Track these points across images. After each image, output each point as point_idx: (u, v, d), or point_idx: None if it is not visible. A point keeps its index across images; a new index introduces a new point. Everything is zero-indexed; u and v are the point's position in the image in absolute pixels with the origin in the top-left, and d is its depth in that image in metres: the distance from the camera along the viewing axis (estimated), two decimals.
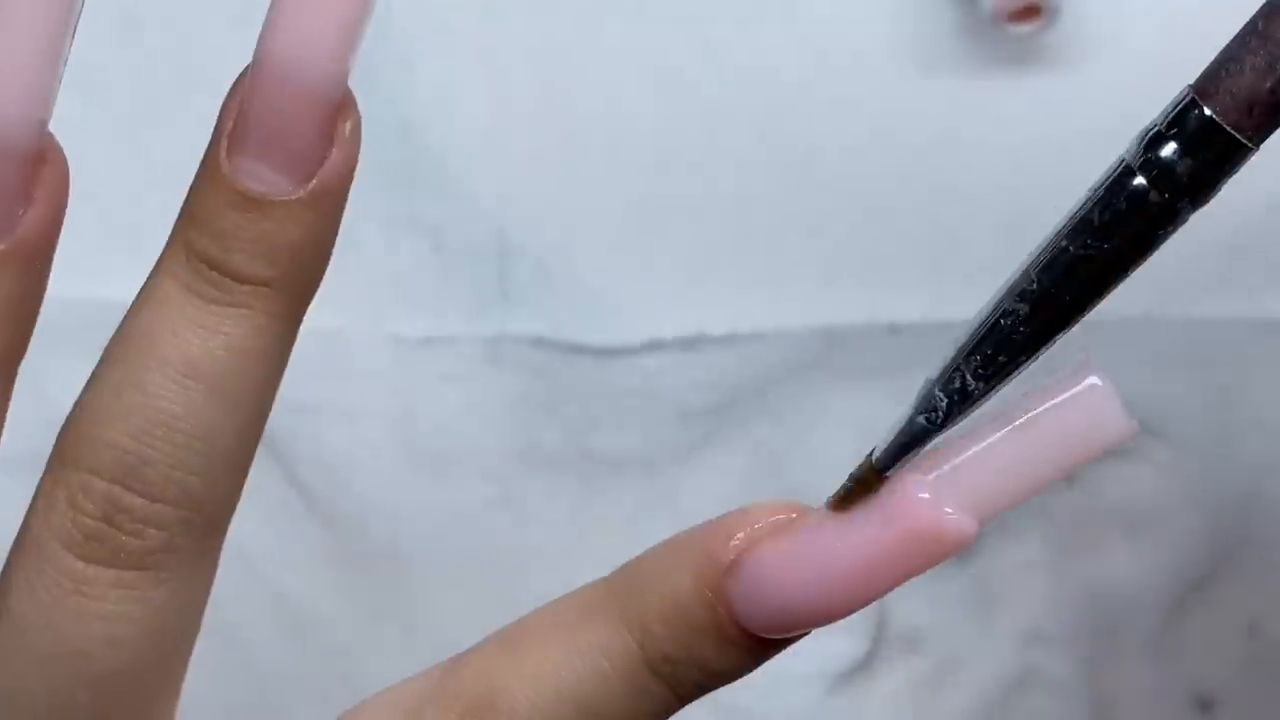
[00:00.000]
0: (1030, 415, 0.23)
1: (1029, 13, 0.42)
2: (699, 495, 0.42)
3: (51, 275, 0.30)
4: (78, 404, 0.24)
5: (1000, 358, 0.23)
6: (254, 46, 0.25)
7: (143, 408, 0.23)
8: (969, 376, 0.23)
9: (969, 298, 0.43)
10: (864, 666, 0.42)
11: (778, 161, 0.44)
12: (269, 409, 0.24)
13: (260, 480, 0.43)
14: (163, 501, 0.23)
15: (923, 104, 0.44)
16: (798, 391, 0.43)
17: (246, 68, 0.24)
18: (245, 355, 0.23)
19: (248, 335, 0.23)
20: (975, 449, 0.23)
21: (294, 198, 0.23)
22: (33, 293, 0.24)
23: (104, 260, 0.40)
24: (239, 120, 0.23)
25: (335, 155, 0.23)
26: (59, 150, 0.23)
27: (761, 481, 0.42)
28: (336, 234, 0.24)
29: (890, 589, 0.23)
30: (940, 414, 0.23)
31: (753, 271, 0.43)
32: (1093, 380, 0.23)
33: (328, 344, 0.43)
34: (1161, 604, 0.41)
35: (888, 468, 0.24)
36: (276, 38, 0.22)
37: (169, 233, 0.25)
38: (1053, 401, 0.23)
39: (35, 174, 0.23)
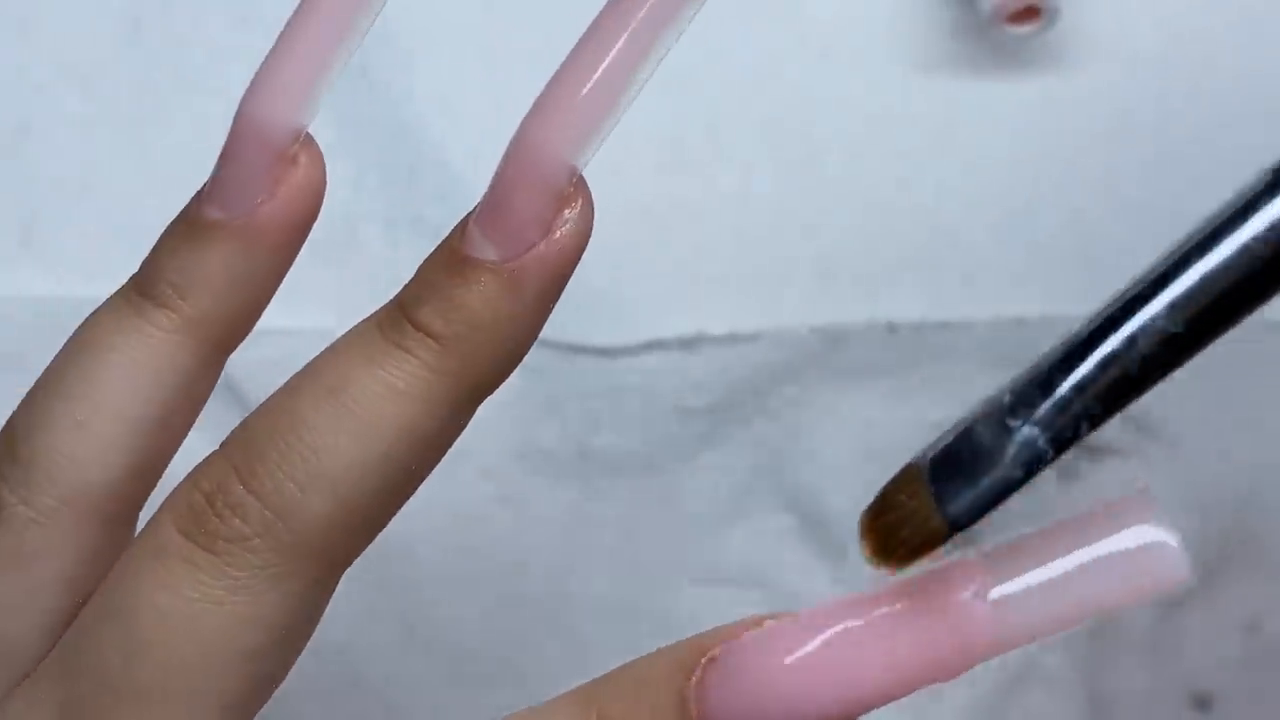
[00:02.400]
0: (1097, 558, 0.20)
1: (1028, 13, 0.42)
2: (699, 495, 0.43)
3: (50, 275, 0.31)
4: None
5: (1122, 394, 0.20)
6: (254, 46, 0.25)
7: (288, 412, 0.23)
8: (1084, 421, 0.20)
9: (968, 298, 0.44)
10: None
11: (778, 161, 0.44)
12: (406, 464, 0.24)
13: None
14: (257, 496, 0.23)
15: (922, 104, 0.44)
16: (797, 391, 0.43)
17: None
18: (392, 394, 0.23)
19: (401, 377, 0.23)
20: (1042, 578, 0.20)
21: (489, 264, 0.23)
22: (254, 277, 0.25)
23: (104, 260, 0.40)
24: (487, 190, 0.24)
25: (543, 246, 0.23)
26: (316, 161, 0.25)
27: (761, 481, 0.43)
28: (526, 336, 0.24)
29: (897, 696, 0.21)
30: (1043, 463, 0.20)
31: (753, 271, 0.43)
32: (1166, 539, 0.20)
33: (328, 344, 0.43)
34: (1159, 602, 0.41)
35: (966, 525, 0.20)
36: (536, 129, 0.23)
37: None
38: (1121, 546, 0.20)
39: (283, 172, 0.24)
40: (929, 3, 0.44)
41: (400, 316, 0.24)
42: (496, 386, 0.25)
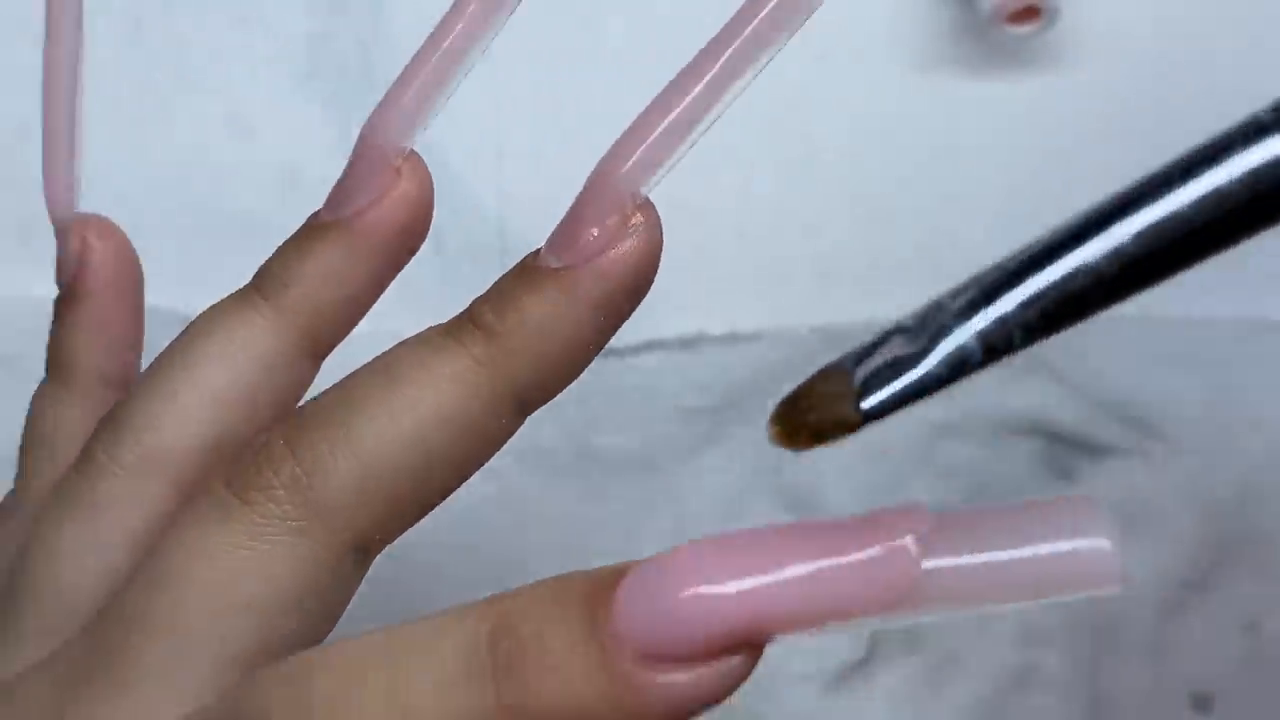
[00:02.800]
0: (1035, 554, 0.19)
1: (1028, 13, 0.42)
2: (699, 495, 0.43)
3: (50, 275, 0.31)
4: None
5: (1060, 319, 0.19)
6: (255, 47, 0.25)
7: (341, 389, 0.25)
8: (1017, 332, 0.19)
9: None
10: (863, 666, 0.42)
11: (778, 161, 0.44)
12: (439, 448, 0.25)
13: None
14: (293, 453, 0.24)
15: (922, 104, 0.44)
16: None
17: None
18: (433, 377, 0.25)
19: (447, 363, 0.25)
20: (981, 559, 0.20)
21: (548, 265, 0.25)
22: (351, 275, 0.27)
23: None
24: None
25: (602, 255, 0.25)
26: (418, 175, 0.26)
27: (761, 481, 0.43)
28: (579, 343, 0.25)
29: (808, 620, 0.20)
30: (971, 365, 0.19)
31: (753, 271, 0.43)
32: (1106, 545, 0.19)
33: None
34: (1159, 602, 0.41)
35: (878, 417, 0.20)
36: (608, 155, 0.25)
37: (165, 232, 0.25)
38: (1063, 547, 0.19)
39: (389, 183, 0.26)
40: (929, 3, 0.44)
41: (464, 316, 0.25)
42: (545, 392, 0.26)
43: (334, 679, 0.21)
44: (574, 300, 0.25)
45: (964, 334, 0.20)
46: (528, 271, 0.25)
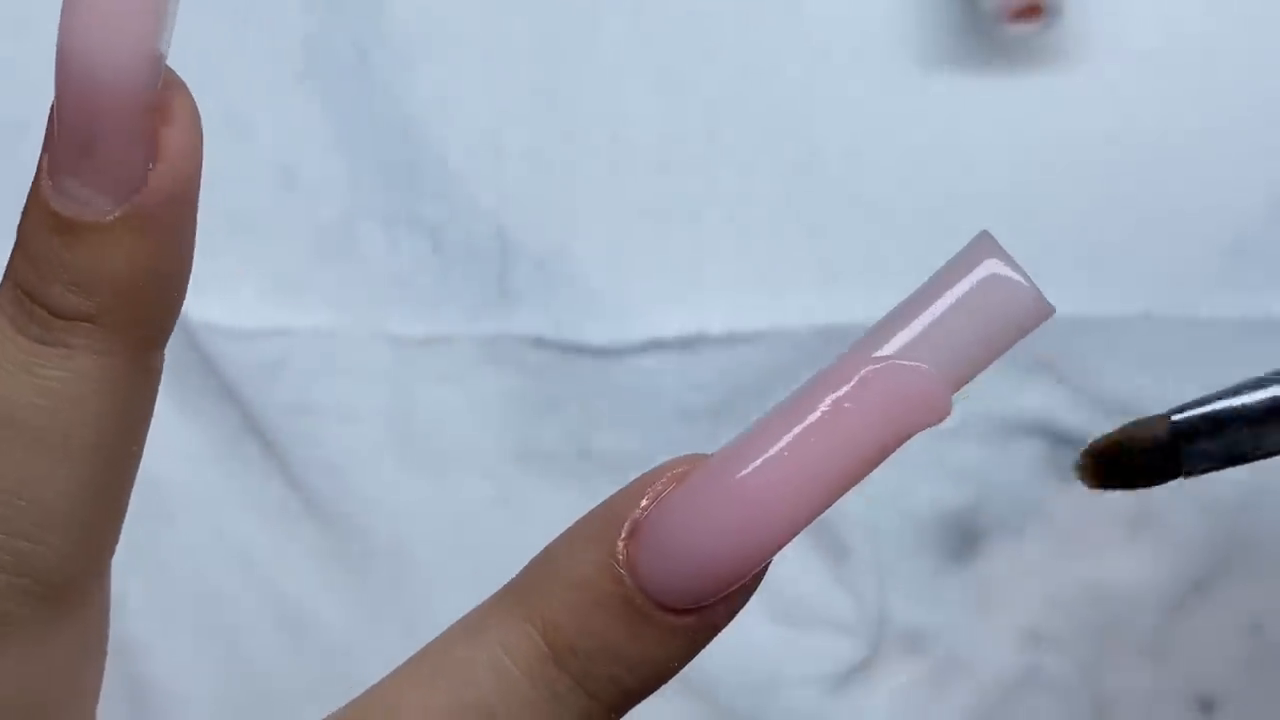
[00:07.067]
0: (957, 300, 0.20)
1: (1030, 12, 0.42)
2: None
3: None
4: None
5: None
6: (252, 45, 0.25)
7: None
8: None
9: None
10: (864, 667, 0.42)
11: (778, 161, 0.44)
12: (125, 455, 0.21)
13: (260, 480, 0.43)
14: None
15: (923, 104, 0.44)
16: None
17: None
18: (66, 402, 0.20)
19: (67, 380, 0.20)
20: (914, 334, 0.20)
21: (108, 220, 0.19)
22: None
23: None
24: (49, 129, 0.19)
25: (159, 169, 0.20)
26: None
27: None
28: (182, 258, 0.21)
29: (865, 469, 0.19)
30: None
31: (753, 271, 0.43)
32: (1014, 275, 0.20)
33: (328, 344, 0.43)
34: (1162, 604, 0.41)
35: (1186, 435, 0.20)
36: (66, 28, 0.18)
37: None
38: (975, 282, 0.20)
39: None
40: (930, 2, 0.44)
41: (34, 307, 0.20)
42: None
43: None
44: (153, 242, 0.20)
45: None
46: (81, 232, 0.20)
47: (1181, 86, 0.43)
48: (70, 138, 0.19)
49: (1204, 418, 0.20)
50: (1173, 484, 0.28)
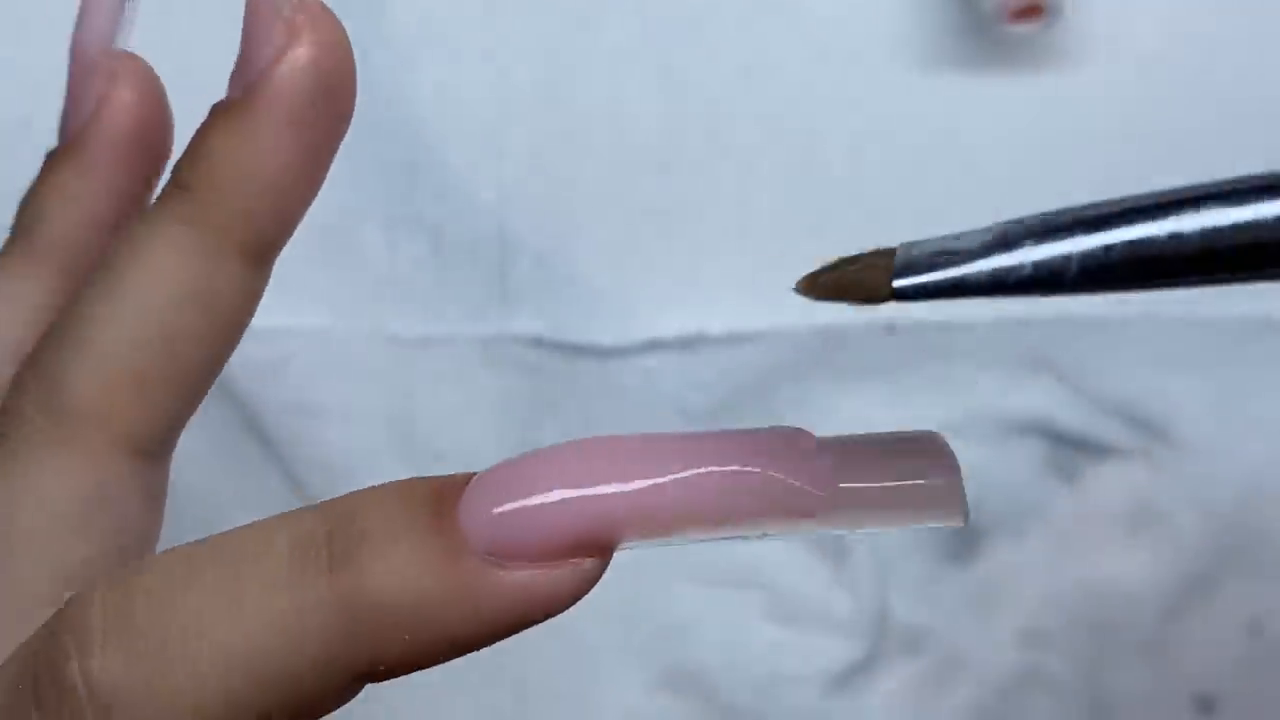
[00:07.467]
0: (904, 486, 0.21)
1: (1030, 12, 0.42)
2: None
3: None
4: None
5: (1137, 274, 0.19)
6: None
7: (71, 304, 0.24)
8: (1077, 266, 0.19)
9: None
10: (864, 667, 0.42)
11: (778, 161, 0.44)
12: (176, 323, 0.23)
13: (260, 480, 0.43)
14: (37, 381, 0.23)
15: (923, 103, 0.44)
16: (797, 391, 0.43)
17: None
18: (154, 253, 0.23)
19: (161, 242, 0.23)
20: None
21: (229, 99, 0.24)
22: (90, 195, 0.26)
23: None
24: None
25: (281, 63, 0.23)
26: (140, 75, 0.26)
27: None
28: (290, 171, 0.23)
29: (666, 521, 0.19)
30: (1012, 285, 0.19)
31: (753, 271, 0.43)
32: (958, 485, 0.21)
33: (328, 344, 0.43)
34: (1162, 604, 0.41)
35: (902, 297, 0.19)
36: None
37: None
38: (919, 481, 0.21)
39: (106, 88, 0.26)
40: (930, 2, 0.44)
41: (168, 182, 0.24)
42: (271, 231, 0.24)
43: (160, 582, 0.20)
44: (259, 124, 0.23)
45: (1025, 254, 0.19)
46: (211, 113, 0.23)
47: (1182, 86, 0.43)
48: (245, 51, 0.24)
49: (925, 288, 0.20)
50: (1165, 478, 0.27)
